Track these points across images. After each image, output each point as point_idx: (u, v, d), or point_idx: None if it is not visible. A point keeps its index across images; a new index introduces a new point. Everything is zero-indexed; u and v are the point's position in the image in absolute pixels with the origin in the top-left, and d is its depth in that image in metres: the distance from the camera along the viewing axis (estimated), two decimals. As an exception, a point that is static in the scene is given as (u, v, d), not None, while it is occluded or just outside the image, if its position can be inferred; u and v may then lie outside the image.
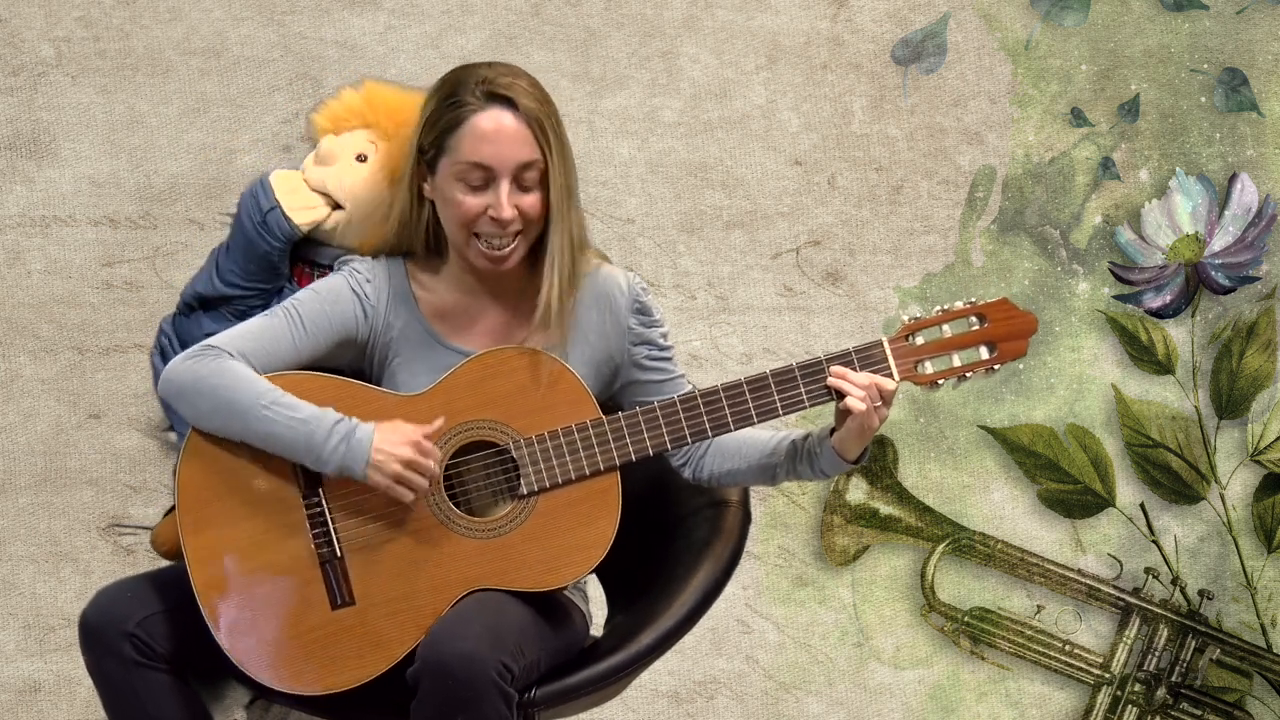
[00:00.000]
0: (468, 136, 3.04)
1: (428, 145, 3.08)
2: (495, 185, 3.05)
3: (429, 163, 3.09)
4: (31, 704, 4.26)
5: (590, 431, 3.07)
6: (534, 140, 3.05)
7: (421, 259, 3.16)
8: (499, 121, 3.04)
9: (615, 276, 3.18)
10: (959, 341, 3.14)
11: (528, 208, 3.06)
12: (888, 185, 4.36)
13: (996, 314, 3.14)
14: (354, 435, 2.98)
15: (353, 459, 2.98)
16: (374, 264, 3.14)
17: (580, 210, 3.13)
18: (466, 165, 3.04)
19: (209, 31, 4.25)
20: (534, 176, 3.06)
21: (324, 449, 2.97)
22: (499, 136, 3.04)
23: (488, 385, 3.07)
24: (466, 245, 3.09)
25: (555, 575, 3.06)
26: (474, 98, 3.04)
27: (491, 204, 3.05)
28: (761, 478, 3.21)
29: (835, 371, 3.08)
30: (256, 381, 2.99)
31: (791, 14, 4.33)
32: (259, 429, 2.98)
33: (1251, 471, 4.42)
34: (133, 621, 3.00)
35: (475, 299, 3.15)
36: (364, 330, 3.12)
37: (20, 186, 4.24)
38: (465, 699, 2.88)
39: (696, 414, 3.10)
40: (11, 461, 4.25)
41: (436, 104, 3.07)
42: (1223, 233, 4.38)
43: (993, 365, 3.13)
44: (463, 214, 3.06)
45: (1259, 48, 4.37)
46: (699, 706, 4.35)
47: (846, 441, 3.09)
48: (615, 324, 3.17)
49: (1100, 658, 4.40)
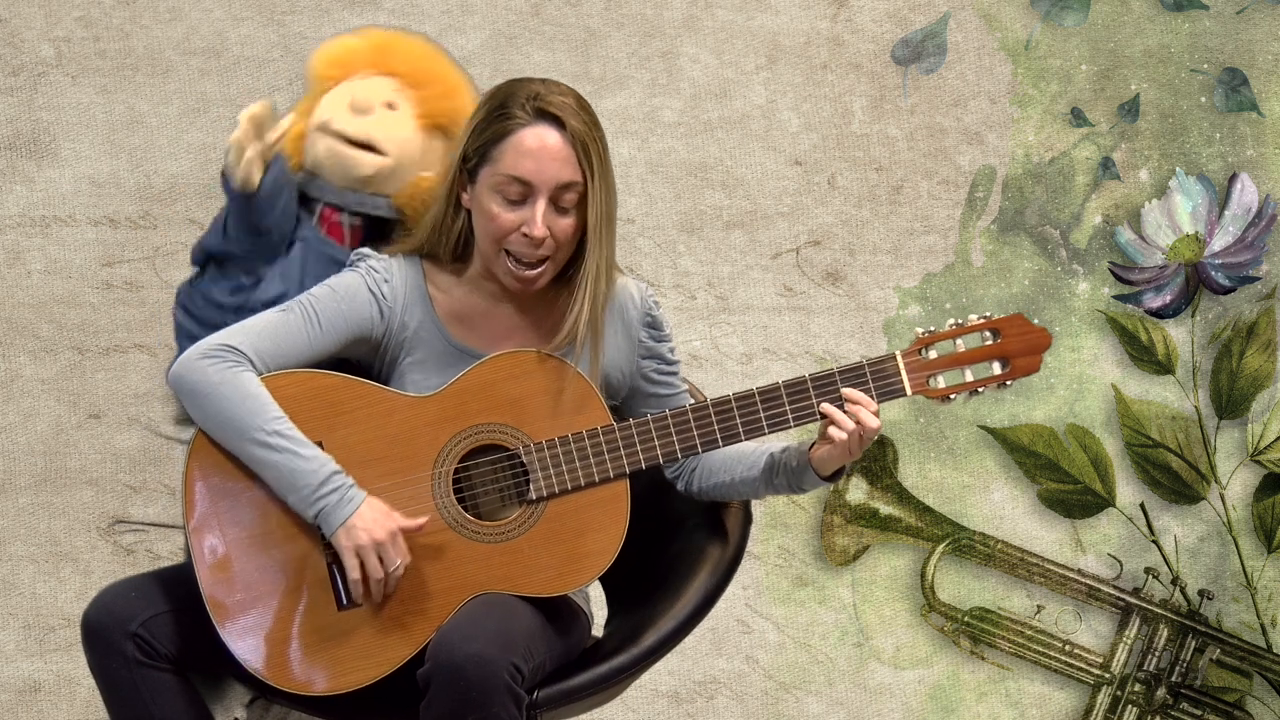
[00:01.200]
0: (511, 150, 3.04)
1: (471, 153, 3.07)
2: (532, 202, 3.04)
3: (470, 171, 3.08)
4: (31, 704, 4.26)
5: (601, 438, 3.06)
6: (577, 162, 3.04)
7: (443, 262, 3.16)
8: (544, 139, 3.03)
9: (629, 288, 3.18)
10: (972, 356, 3.13)
11: (561, 230, 3.06)
12: (888, 185, 4.36)
13: (1010, 329, 3.14)
14: (348, 493, 2.98)
15: (335, 512, 2.97)
16: (391, 263, 3.14)
17: (615, 234, 3.12)
18: (506, 178, 3.04)
19: (209, 31, 4.25)
20: (572, 199, 3.06)
21: (316, 491, 2.97)
22: (542, 153, 3.03)
23: (499, 388, 3.06)
24: (496, 260, 3.09)
25: (562, 581, 3.06)
26: (523, 112, 3.04)
27: (526, 220, 3.04)
28: (747, 491, 3.23)
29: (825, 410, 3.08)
30: (266, 405, 2.99)
31: (791, 14, 4.33)
32: (255, 454, 2.98)
33: (1251, 471, 4.42)
34: (136, 621, 3.00)
35: (493, 305, 3.14)
36: (379, 329, 3.11)
37: (20, 186, 4.24)
38: (477, 700, 2.88)
39: (708, 423, 3.09)
40: (11, 461, 4.25)
41: (485, 114, 3.07)
42: (1223, 233, 4.39)
43: (1005, 380, 3.13)
44: (497, 227, 3.06)
45: (1259, 48, 4.37)
46: (699, 706, 4.35)
47: (826, 461, 3.11)
48: (627, 336, 3.17)
49: (1100, 658, 4.40)
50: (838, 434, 3.07)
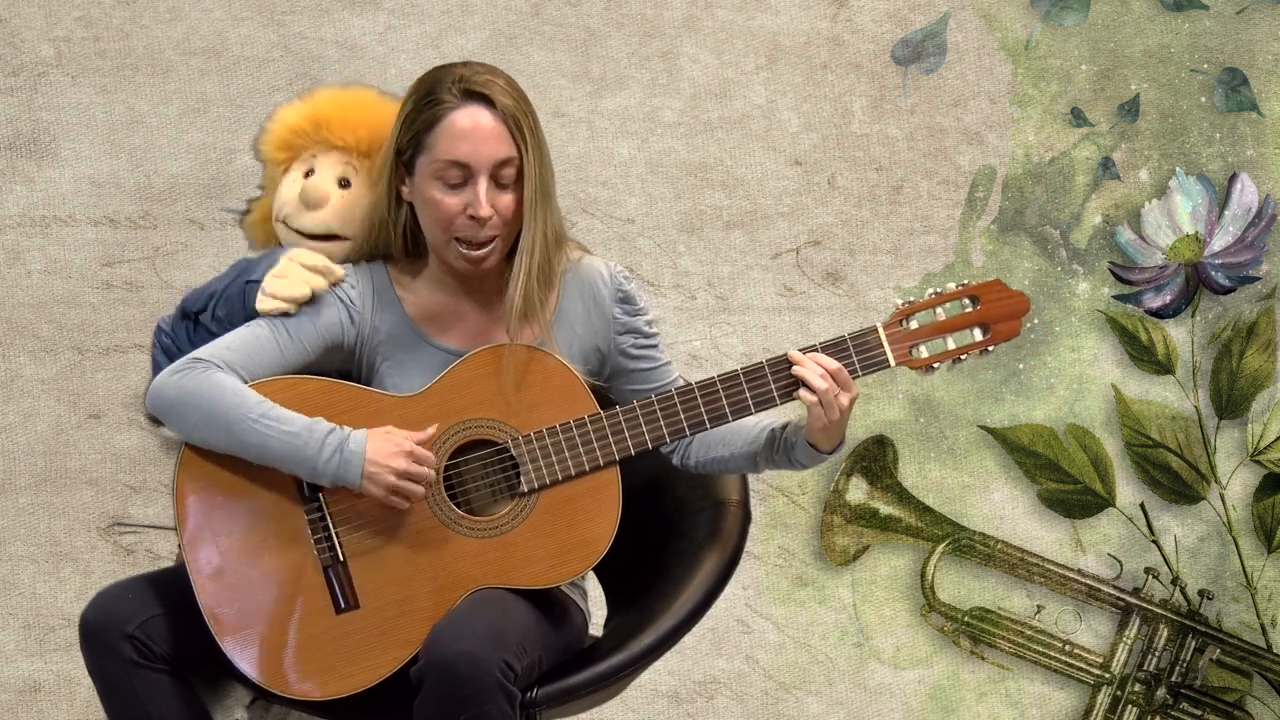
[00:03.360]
0: (445, 134, 3.04)
1: (405, 145, 3.07)
2: (473, 183, 3.05)
3: (406, 164, 3.09)
4: (31, 704, 4.26)
5: (589, 426, 3.07)
6: (510, 137, 3.05)
7: (401, 262, 3.16)
8: (476, 119, 3.04)
9: (596, 266, 3.18)
10: (953, 324, 3.15)
11: (504, 207, 3.06)
12: (888, 185, 4.36)
13: (989, 295, 3.15)
14: (347, 446, 2.97)
15: (347, 470, 2.97)
16: (355, 270, 3.14)
17: (557, 208, 3.13)
18: (444, 163, 3.04)
19: (209, 31, 4.25)
20: (511, 174, 3.06)
21: (318, 461, 2.97)
22: (476, 133, 3.04)
23: (484, 383, 3.06)
24: (445, 247, 3.09)
25: (558, 571, 3.06)
26: (451, 95, 3.04)
27: (470, 202, 3.05)
28: (745, 465, 3.22)
29: (793, 357, 3.09)
30: (246, 394, 2.99)
31: (791, 14, 4.33)
32: (250, 441, 2.97)
33: (1251, 471, 4.42)
34: (133, 623, 3.00)
35: (458, 299, 3.15)
36: (350, 336, 3.11)
37: (20, 186, 4.24)
38: (469, 698, 2.88)
39: (694, 406, 3.10)
40: (11, 461, 4.25)
41: (414, 104, 3.07)
42: (1223, 233, 4.39)
43: (986, 346, 3.15)
44: (441, 213, 3.06)
45: (1259, 48, 4.37)
46: (699, 706, 4.35)
47: (815, 432, 3.10)
48: (600, 314, 3.17)
49: (1100, 658, 4.40)
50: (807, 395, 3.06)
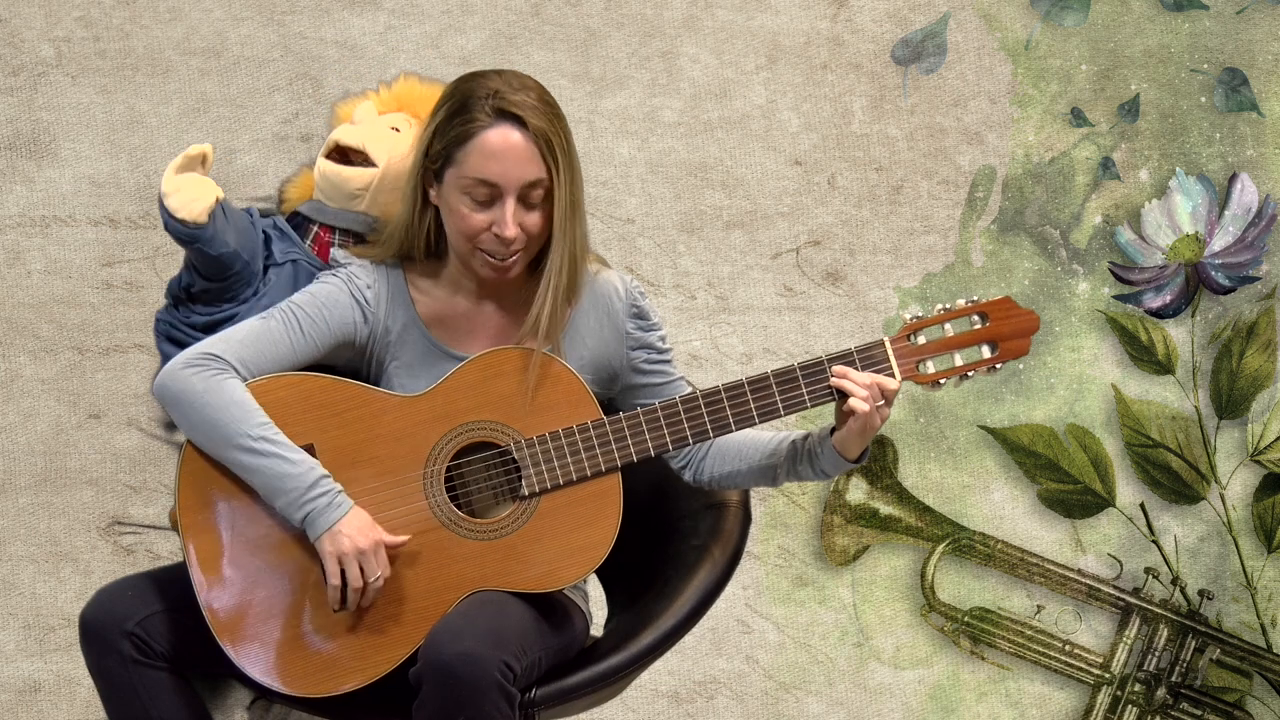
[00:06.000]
0: (475, 153, 3.04)
1: (435, 154, 3.07)
2: (501, 203, 3.05)
3: (435, 171, 3.09)
4: (31, 704, 4.26)
5: (592, 432, 3.07)
6: (541, 159, 3.04)
7: (420, 263, 3.16)
8: (507, 139, 3.04)
9: (612, 281, 3.18)
10: (961, 340, 3.14)
11: (531, 226, 3.07)
12: (888, 185, 4.36)
13: (998, 312, 3.14)
14: (335, 499, 2.98)
15: (322, 517, 2.97)
16: (373, 269, 3.15)
17: (585, 223, 3.13)
18: (473, 181, 3.04)
19: (209, 31, 4.25)
20: (539, 195, 3.06)
21: (304, 495, 2.97)
22: (506, 155, 3.03)
23: (488, 386, 3.07)
24: (470, 255, 3.10)
25: (557, 576, 3.06)
26: (483, 113, 3.04)
27: (496, 221, 3.05)
28: (762, 479, 3.21)
29: (837, 371, 3.08)
30: (251, 411, 2.99)
31: (791, 14, 4.33)
32: (241, 460, 2.98)
33: (1251, 471, 4.42)
34: (133, 621, 3.00)
35: (474, 304, 3.15)
36: (363, 333, 3.12)
37: (20, 186, 4.24)
38: (468, 699, 2.88)
39: (698, 414, 3.10)
40: (11, 461, 4.25)
41: (446, 114, 3.07)
42: (1223, 233, 4.39)
43: (994, 364, 3.14)
44: (467, 227, 3.06)
45: (1259, 48, 4.37)
46: (699, 706, 4.35)
47: (848, 441, 3.09)
48: (613, 329, 3.17)
49: (1100, 658, 4.40)
50: (858, 404, 3.04)
